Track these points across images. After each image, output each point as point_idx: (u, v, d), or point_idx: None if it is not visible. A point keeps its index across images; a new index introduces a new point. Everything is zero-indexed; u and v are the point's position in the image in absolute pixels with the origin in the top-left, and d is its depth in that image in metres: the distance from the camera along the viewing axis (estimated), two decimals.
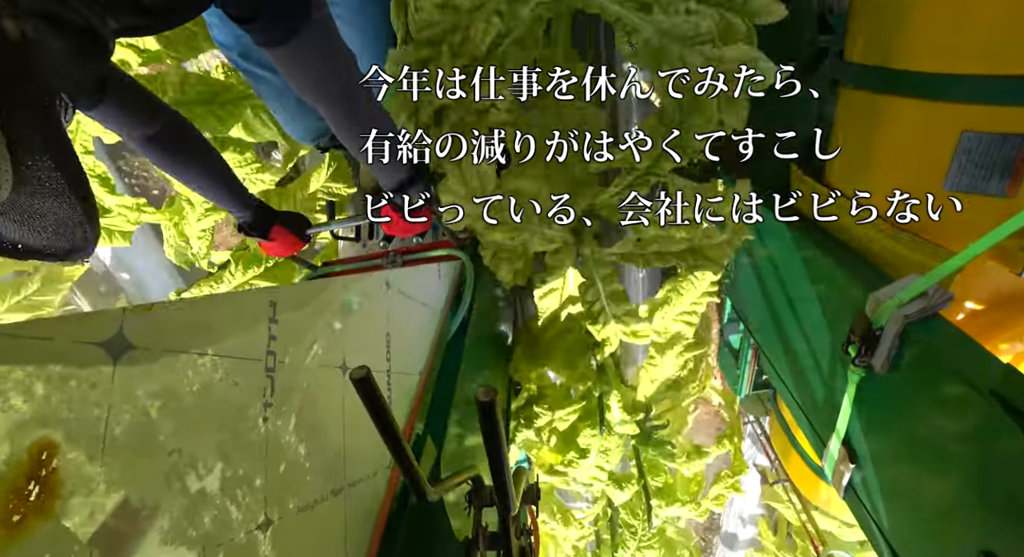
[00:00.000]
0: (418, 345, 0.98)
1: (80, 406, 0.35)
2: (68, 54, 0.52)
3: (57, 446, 0.33)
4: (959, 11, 0.98)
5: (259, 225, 1.22)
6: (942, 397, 0.83)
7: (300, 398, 0.58)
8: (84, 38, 0.53)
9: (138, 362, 0.40)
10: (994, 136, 0.96)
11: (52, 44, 0.48)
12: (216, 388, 0.47)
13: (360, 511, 0.67)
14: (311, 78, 0.84)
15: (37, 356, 0.34)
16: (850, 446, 1.09)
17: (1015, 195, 0.98)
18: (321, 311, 0.66)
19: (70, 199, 0.47)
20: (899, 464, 0.97)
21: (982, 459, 0.77)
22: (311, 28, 0.76)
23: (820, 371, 1.22)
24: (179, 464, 0.42)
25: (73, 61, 0.53)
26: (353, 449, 0.67)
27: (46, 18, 0.47)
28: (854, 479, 1.10)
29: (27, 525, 0.31)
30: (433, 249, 1.39)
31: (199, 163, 1.08)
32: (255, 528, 0.49)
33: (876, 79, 1.16)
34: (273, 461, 0.53)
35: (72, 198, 0.47)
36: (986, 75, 0.95)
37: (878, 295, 0.91)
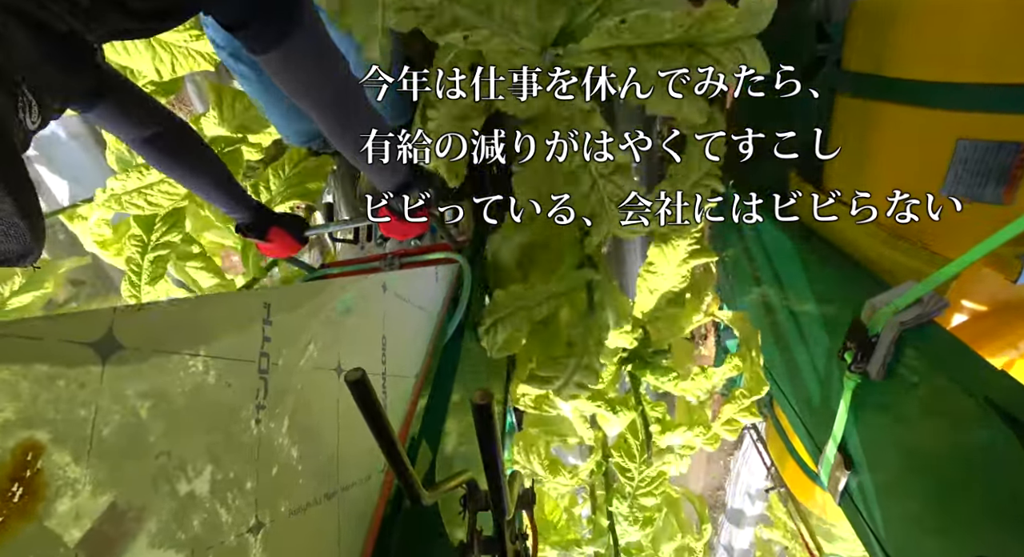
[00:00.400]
0: (414, 348, 0.98)
1: (67, 407, 0.35)
2: (50, 58, 0.51)
3: (42, 447, 0.33)
4: (954, 20, 0.99)
5: (257, 226, 1.22)
6: (938, 403, 0.83)
7: (294, 400, 0.58)
8: (67, 43, 0.52)
9: (128, 362, 0.39)
10: (989, 144, 0.97)
11: (20, 41, 0.47)
12: (208, 389, 0.46)
13: (354, 515, 0.67)
14: (302, 83, 0.83)
15: (24, 355, 0.33)
16: (846, 452, 1.09)
17: (1011, 202, 0.99)
18: (316, 313, 0.65)
19: (9, 198, 0.43)
20: (895, 470, 0.97)
21: (977, 465, 0.77)
22: (301, 33, 0.75)
23: (816, 377, 1.23)
24: (168, 466, 0.42)
25: (56, 65, 0.52)
26: (347, 452, 0.67)
27: (15, 15, 0.46)
28: (850, 485, 1.10)
29: (9, 527, 0.30)
30: (430, 252, 1.39)
31: (196, 165, 1.07)
32: (246, 531, 0.48)
33: (872, 87, 1.17)
34: (265, 464, 0.52)
35: (9, 197, 0.43)
36: (981, 83, 0.96)
37: (874, 302, 0.91)
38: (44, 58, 0.51)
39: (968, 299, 1.19)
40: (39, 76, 0.50)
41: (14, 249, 0.45)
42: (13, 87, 0.46)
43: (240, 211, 1.19)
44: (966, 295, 1.19)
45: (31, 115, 0.49)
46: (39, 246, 0.48)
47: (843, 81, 1.26)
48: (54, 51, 0.52)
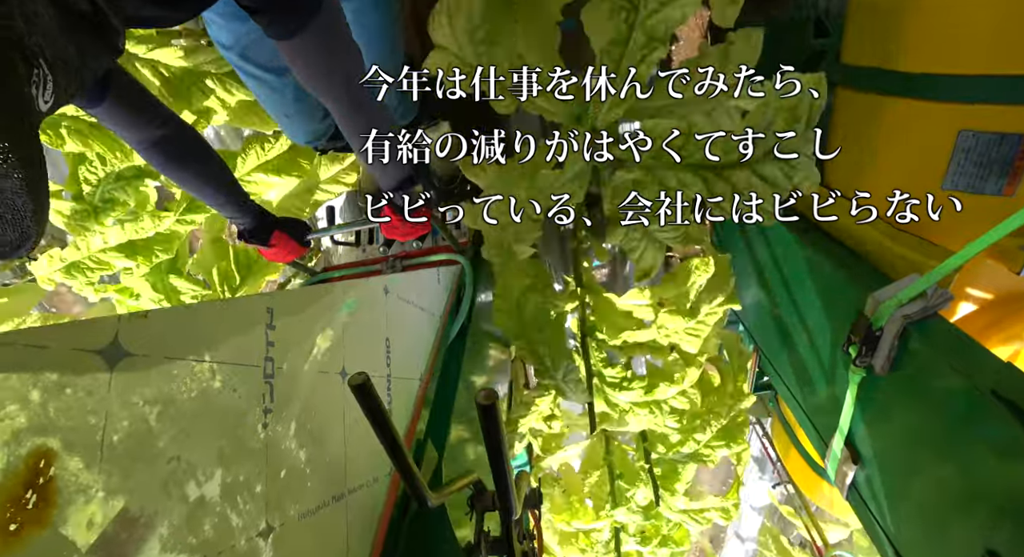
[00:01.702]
0: (418, 350, 0.98)
1: (77, 414, 0.35)
2: (71, 35, 0.48)
3: (54, 454, 0.33)
4: (955, 11, 0.98)
5: (259, 231, 1.22)
6: (944, 396, 0.83)
7: (300, 404, 0.58)
8: (89, 22, 0.51)
9: (135, 369, 0.40)
10: (992, 135, 0.96)
11: (41, 13, 0.44)
12: (214, 395, 0.47)
13: (361, 517, 0.67)
14: (320, 70, 0.83)
15: (32, 364, 0.33)
16: (853, 446, 1.09)
17: (1013, 194, 0.98)
18: (320, 316, 0.65)
19: (19, 183, 0.40)
20: (902, 464, 0.97)
21: (984, 458, 0.76)
22: (322, 18, 0.75)
23: (821, 371, 1.22)
24: (178, 471, 0.42)
25: (75, 44, 0.49)
26: (354, 455, 0.67)
27: None
28: (857, 479, 1.10)
29: (24, 534, 0.31)
30: (433, 254, 1.39)
31: (201, 169, 1.08)
32: (256, 535, 0.49)
33: (873, 80, 1.16)
34: (273, 467, 0.53)
35: (23, 182, 0.40)
36: (984, 75, 0.96)
37: (878, 295, 0.91)
38: (64, 34, 0.48)
39: (972, 291, 1.19)
40: (57, 50, 0.47)
41: (10, 238, 0.41)
42: (32, 57, 0.43)
43: (243, 216, 1.19)
44: (970, 287, 1.19)
45: (44, 93, 0.45)
46: (39, 232, 0.43)
47: (843, 74, 1.26)
48: (75, 29, 0.50)
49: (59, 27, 0.47)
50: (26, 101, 0.42)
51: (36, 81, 0.44)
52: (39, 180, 0.42)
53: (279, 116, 1.50)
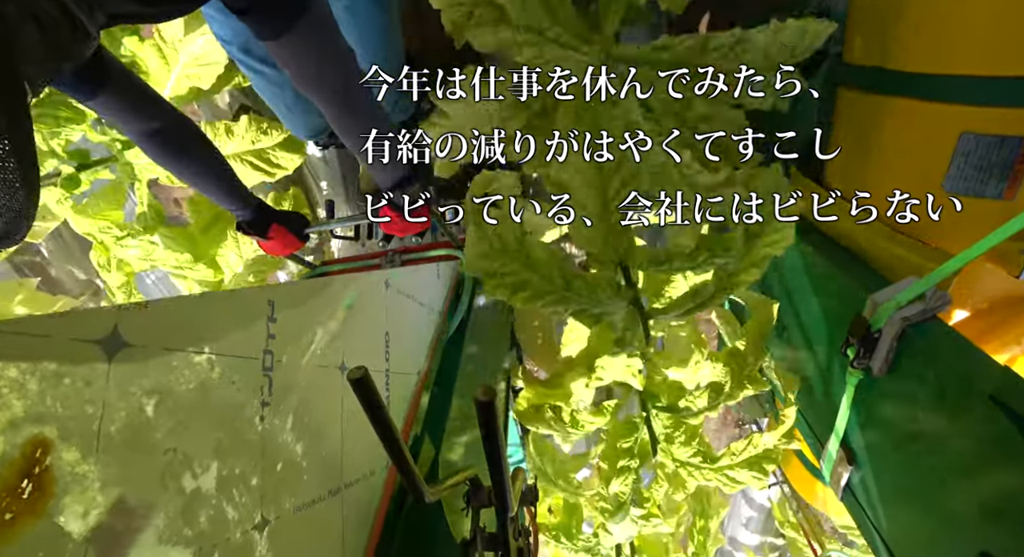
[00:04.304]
0: (417, 345, 0.98)
1: (75, 404, 0.35)
2: (45, 42, 0.48)
3: (51, 444, 0.33)
4: (957, 12, 0.98)
5: (257, 224, 1.22)
6: (941, 400, 0.83)
7: (298, 397, 0.58)
8: (62, 27, 0.51)
9: (133, 360, 0.40)
10: (992, 138, 0.96)
11: (24, 28, 0.45)
12: (213, 387, 0.47)
13: (357, 511, 0.67)
14: (310, 71, 0.83)
15: (31, 353, 0.33)
16: (849, 447, 1.09)
17: (1013, 197, 0.98)
18: (320, 310, 0.65)
19: (16, 186, 0.41)
20: (898, 466, 0.97)
21: (981, 462, 0.77)
22: (310, 19, 0.75)
23: (818, 373, 1.22)
24: (175, 463, 0.42)
25: (52, 49, 0.50)
26: (351, 449, 0.67)
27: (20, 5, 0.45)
28: (852, 480, 1.10)
29: (20, 523, 0.31)
30: (432, 249, 1.39)
31: (199, 160, 1.07)
32: (251, 528, 0.48)
33: (874, 80, 1.16)
34: (270, 460, 0.52)
35: (21, 185, 0.41)
36: (984, 76, 0.95)
37: (876, 297, 0.91)
38: (42, 44, 0.48)
39: (971, 295, 1.19)
40: (35, 62, 0.47)
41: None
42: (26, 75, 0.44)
43: (241, 208, 1.19)
44: (968, 290, 1.19)
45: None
46: (28, 224, 0.44)
47: (844, 74, 1.26)
48: (49, 37, 0.49)
49: (42, 42, 0.47)
50: (15, 64, 0.43)
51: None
52: (32, 166, 0.43)
53: (279, 109, 1.50)
